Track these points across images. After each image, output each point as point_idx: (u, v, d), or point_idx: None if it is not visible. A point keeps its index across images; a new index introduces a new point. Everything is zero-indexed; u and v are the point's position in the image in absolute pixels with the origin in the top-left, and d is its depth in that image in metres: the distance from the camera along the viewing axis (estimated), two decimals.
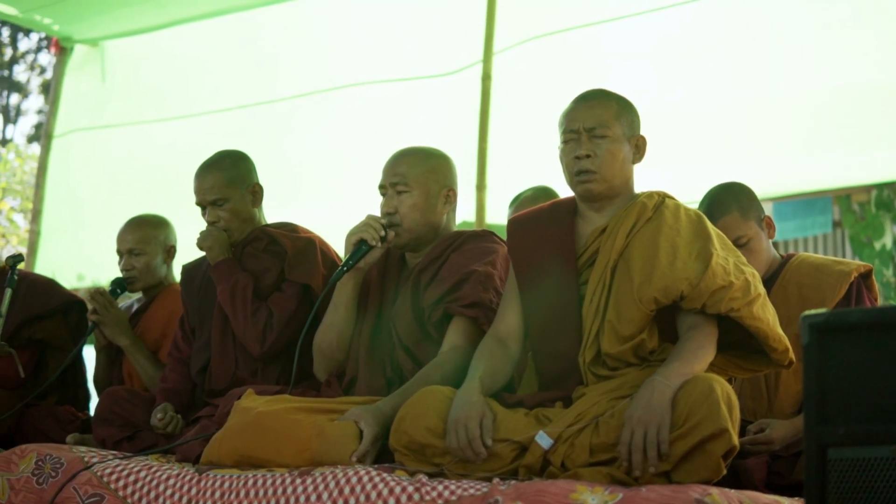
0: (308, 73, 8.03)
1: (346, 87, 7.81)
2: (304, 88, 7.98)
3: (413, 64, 7.57)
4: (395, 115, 7.66)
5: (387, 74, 7.66)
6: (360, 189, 7.18)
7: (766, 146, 6.43)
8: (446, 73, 7.44)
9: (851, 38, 6.21)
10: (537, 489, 3.16)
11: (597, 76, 6.41)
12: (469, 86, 7.28)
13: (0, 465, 4.37)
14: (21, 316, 5.62)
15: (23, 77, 31.40)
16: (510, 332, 3.94)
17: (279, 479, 3.63)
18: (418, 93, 7.54)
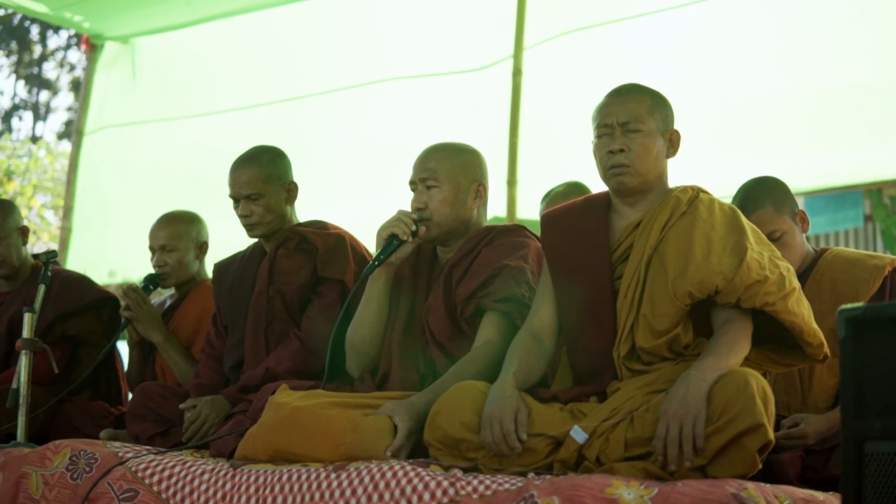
0: (337, 69, 8.03)
1: (376, 82, 7.81)
2: (333, 84, 7.98)
3: (443, 59, 7.56)
4: (424, 110, 7.65)
5: (416, 70, 7.65)
6: (389, 186, 7.20)
7: (797, 140, 6.40)
8: (477, 69, 7.43)
9: (882, 32, 6.17)
10: (572, 484, 3.15)
11: (627, 71, 6.41)
12: (500, 81, 7.26)
13: (34, 460, 4.39)
14: (54, 312, 5.64)
15: (52, 75, 31.55)
16: (544, 327, 3.94)
17: (314, 473, 3.63)
18: (448, 88, 7.53)
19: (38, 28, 30.40)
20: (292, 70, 8.30)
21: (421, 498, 3.37)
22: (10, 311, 5.89)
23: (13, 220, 5.94)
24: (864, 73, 6.20)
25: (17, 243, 5.95)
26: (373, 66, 7.84)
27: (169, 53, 9.01)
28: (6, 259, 5.91)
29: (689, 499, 3.03)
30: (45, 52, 31.39)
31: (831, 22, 6.26)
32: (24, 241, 6.02)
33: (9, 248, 5.89)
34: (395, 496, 3.41)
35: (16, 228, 5.94)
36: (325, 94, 8.01)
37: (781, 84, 6.38)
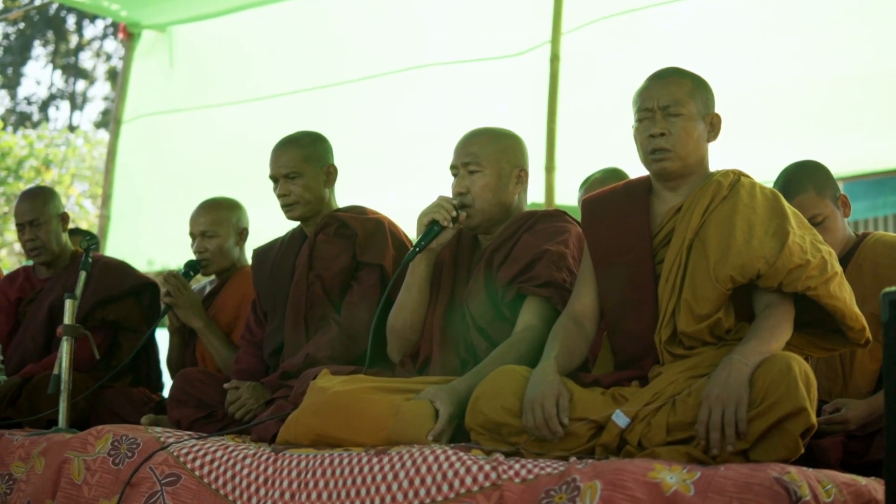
0: (375, 56, 8.04)
1: (413, 69, 7.82)
2: (372, 71, 7.99)
3: (481, 45, 7.56)
4: (463, 96, 7.66)
5: (454, 56, 7.66)
6: (427, 171, 7.21)
7: (838, 125, 6.38)
8: (514, 54, 7.43)
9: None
10: (615, 468, 3.15)
11: (665, 56, 6.35)
12: (537, 67, 7.26)
13: (76, 446, 4.41)
14: (94, 298, 5.68)
15: (89, 64, 31.70)
16: (585, 312, 3.94)
17: (355, 458, 3.64)
18: (486, 74, 7.53)
19: (75, 18, 30.54)
20: (330, 57, 8.31)
21: (463, 482, 3.37)
22: (51, 297, 5.95)
23: (53, 207, 5.99)
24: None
25: (56, 230, 6.00)
26: (410, 53, 7.85)
27: (206, 41, 9.04)
28: (46, 245, 5.96)
29: (731, 483, 3.02)
30: (82, 42, 31.54)
31: (872, 6, 6.23)
32: (65, 228, 6.07)
33: (48, 235, 5.95)
34: (436, 480, 3.42)
35: (56, 215, 5.99)
36: (363, 81, 8.03)
37: (822, 68, 6.35)
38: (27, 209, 5.98)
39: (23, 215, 5.99)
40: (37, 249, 5.99)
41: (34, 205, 5.98)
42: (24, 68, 31.82)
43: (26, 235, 5.99)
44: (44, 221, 5.94)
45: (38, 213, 5.95)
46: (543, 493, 3.24)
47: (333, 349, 4.67)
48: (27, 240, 6.00)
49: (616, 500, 3.08)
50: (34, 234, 5.96)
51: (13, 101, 31.80)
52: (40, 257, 6.03)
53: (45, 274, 6.15)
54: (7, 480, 4.60)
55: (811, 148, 5.71)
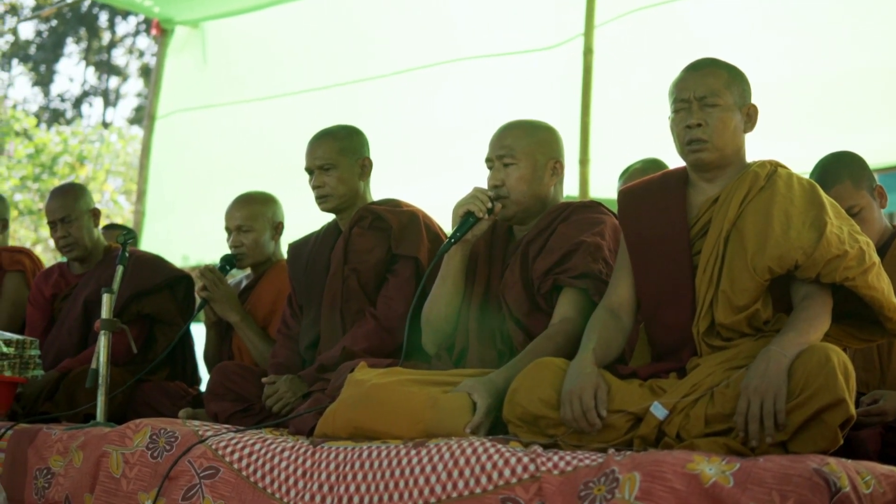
0: (408, 50, 8.03)
1: (447, 62, 7.81)
2: (405, 65, 7.99)
3: (514, 38, 7.55)
4: (495, 90, 7.65)
5: (487, 49, 7.64)
6: (460, 165, 7.21)
7: (872, 117, 6.34)
8: (547, 48, 7.41)
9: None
10: (654, 459, 3.15)
11: (699, 48, 6.30)
12: (571, 60, 7.24)
13: (114, 439, 4.42)
14: (128, 291, 5.70)
15: (121, 61, 31.82)
16: (622, 304, 3.94)
17: (393, 450, 3.64)
18: (519, 67, 7.52)
19: (107, 15, 30.66)
20: (363, 51, 8.32)
21: (501, 474, 3.37)
22: (85, 293, 5.98)
23: (84, 203, 6.02)
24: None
25: (88, 225, 6.03)
26: (442, 47, 7.84)
27: (239, 37, 9.06)
28: (78, 241, 5.99)
29: (770, 474, 3.02)
30: (114, 39, 31.67)
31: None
32: (96, 224, 6.10)
33: (80, 231, 5.98)
34: (475, 472, 3.42)
35: (87, 211, 6.02)
36: (396, 75, 8.03)
37: (857, 60, 6.32)
38: (58, 206, 6.01)
39: (54, 213, 6.03)
40: (69, 246, 6.02)
41: (65, 202, 6.01)
42: (56, 65, 31.99)
43: (58, 233, 6.03)
44: (75, 218, 5.98)
45: (69, 210, 5.98)
46: (582, 484, 3.24)
47: (370, 342, 4.68)
48: (59, 237, 6.03)
49: (655, 491, 3.08)
50: (66, 230, 5.99)
51: (46, 99, 31.96)
52: (73, 253, 6.06)
53: (78, 270, 6.18)
54: (45, 474, 4.61)
55: (847, 139, 5.69)
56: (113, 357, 5.12)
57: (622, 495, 3.12)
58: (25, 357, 5.47)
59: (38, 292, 6.23)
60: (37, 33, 31.69)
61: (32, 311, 6.23)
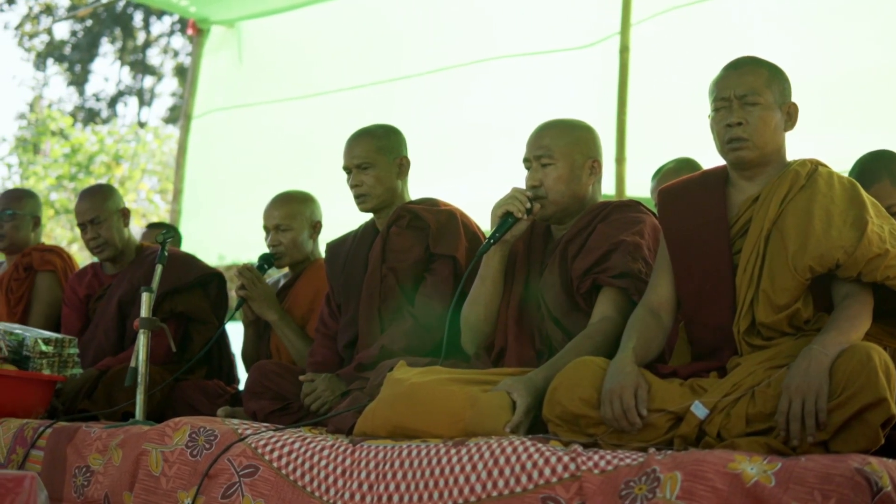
0: (443, 49, 8.04)
1: (483, 61, 7.82)
2: (441, 63, 8.00)
3: (550, 37, 7.55)
4: (531, 89, 7.64)
5: (523, 48, 7.64)
6: (496, 164, 7.21)
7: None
8: (584, 46, 7.41)
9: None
10: (695, 459, 3.14)
11: (736, 46, 6.30)
12: (607, 58, 7.24)
13: (154, 437, 4.44)
14: (161, 289, 5.70)
15: (156, 61, 31.94)
16: (662, 303, 3.93)
17: (433, 449, 3.64)
18: (555, 66, 7.52)
19: (142, 15, 30.78)
20: (398, 50, 8.33)
21: (542, 473, 3.37)
22: (119, 293, 6.01)
23: (113, 203, 6.05)
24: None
25: (118, 226, 6.05)
26: (479, 45, 7.85)
27: (274, 36, 9.09)
28: (108, 241, 6.02)
29: (812, 473, 3.01)
30: (149, 39, 31.78)
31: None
32: (126, 223, 6.12)
33: (110, 231, 6.01)
34: (515, 471, 3.42)
35: (116, 211, 6.05)
36: (431, 74, 8.04)
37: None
38: (87, 208, 6.04)
39: (83, 214, 6.06)
40: (100, 247, 6.06)
41: (93, 203, 6.04)
42: (91, 65, 32.11)
43: (88, 234, 6.06)
44: (104, 219, 6.00)
45: (98, 212, 6.01)
46: (623, 484, 3.23)
47: (408, 341, 4.69)
48: (90, 238, 6.06)
49: (697, 491, 3.07)
50: (96, 232, 6.02)
51: (81, 98, 32.11)
52: (104, 254, 6.09)
53: (111, 270, 6.20)
54: (85, 472, 4.63)
55: (887, 137, 5.66)
56: (153, 356, 5.15)
57: (663, 495, 3.12)
58: (64, 355, 5.51)
59: (72, 293, 6.26)
60: (72, 33, 31.84)
61: (68, 312, 6.26)
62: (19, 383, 5.31)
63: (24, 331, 5.58)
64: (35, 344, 5.43)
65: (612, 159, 7.04)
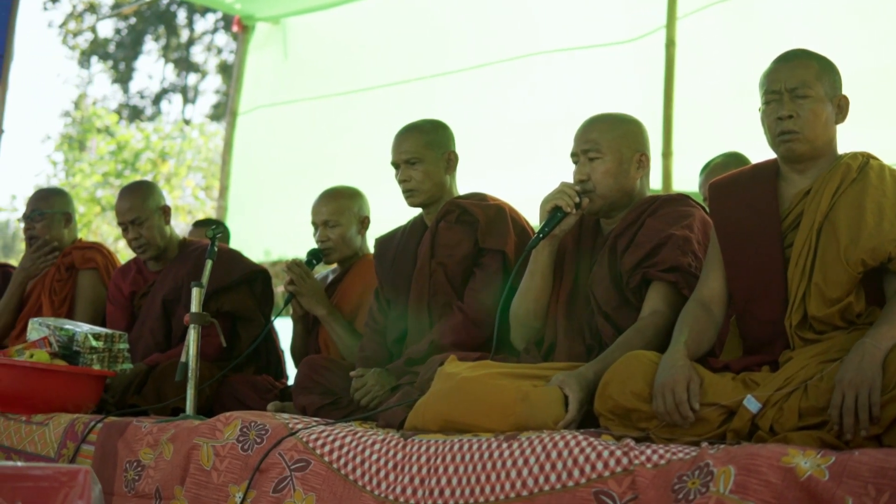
0: (489, 43, 8.05)
1: (528, 56, 7.81)
2: (486, 59, 8.01)
3: (595, 31, 7.54)
4: (577, 83, 7.64)
5: (569, 43, 7.64)
6: (543, 159, 7.21)
7: None
8: (629, 40, 7.40)
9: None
10: (748, 453, 3.13)
11: (781, 39, 6.30)
12: (653, 52, 7.22)
13: (205, 432, 4.47)
14: (207, 288, 5.73)
15: (200, 58, 32.10)
16: (714, 297, 3.92)
17: (485, 443, 3.65)
18: (601, 60, 7.51)
19: (185, 13, 30.94)
20: (443, 45, 8.34)
21: (594, 467, 3.37)
22: (163, 290, 6.02)
23: (153, 202, 6.05)
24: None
25: (159, 224, 6.05)
26: (524, 40, 7.84)
27: (320, 32, 9.11)
28: (150, 241, 6.02)
29: (866, 467, 2.99)
30: (193, 36, 31.94)
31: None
32: (167, 221, 6.12)
33: (151, 230, 6.01)
34: (567, 466, 3.42)
35: (157, 209, 6.05)
36: (477, 69, 8.04)
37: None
38: (127, 208, 6.04)
39: (123, 215, 6.06)
40: (142, 247, 6.06)
41: (133, 203, 6.03)
42: (136, 63, 32.32)
43: (130, 234, 6.06)
44: (145, 218, 6.00)
45: (139, 212, 6.01)
46: (676, 478, 3.23)
47: (457, 336, 4.70)
48: (131, 238, 6.06)
49: (750, 485, 3.06)
50: (137, 232, 6.02)
51: (126, 96, 32.31)
52: (146, 254, 6.10)
53: (155, 267, 6.21)
54: (136, 467, 4.66)
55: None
56: (203, 352, 5.17)
57: (716, 489, 3.11)
58: (115, 351, 5.54)
59: (116, 290, 6.27)
60: (116, 31, 32.05)
61: (113, 310, 6.28)
62: (70, 378, 5.35)
63: (75, 326, 5.61)
64: (85, 339, 5.46)
65: (659, 154, 7.02)
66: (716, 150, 5.79)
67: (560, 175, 4.46)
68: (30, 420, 5.23)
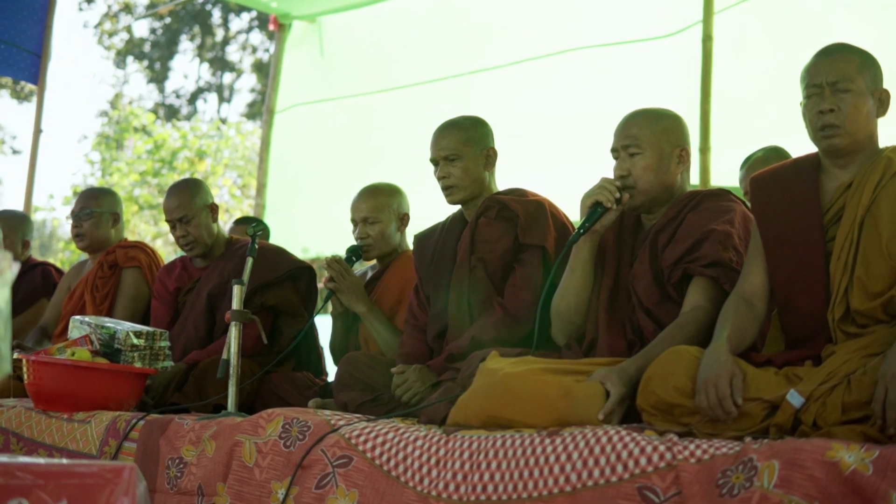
0: (526, 39, 8.04)
1: (565, 52, 7.80)
2: (524, 55, 7.99)
3: (632, 27, 7.52)
4: (614, 79, 7.63)
5: (605, 38, 7.62)
6: (582, 154, 7.20)
7: None
8: (666, 35, 7.38)
9: None
10: (792, 447, 3.13)
11: (818, 33, 6.27)
12: (690, 47, 7.20)
13: (247, 429, 4.48)
14: (252, 283, 5.75)
15: (235, 57, 32.20)
16: (756, 291, 3.91)
17: (528, 439, 3.66)
18: (638, 56, 7.49)
19: (220, 11, 31.04)
20: (481, 41, 8.33)
21: (637, 462, 3.37)
22: (209, 287, 6.05)
23: (201, 199, 6.08)
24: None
25: (206, 222, 6.08)
26: (561, 36, 7.83)
27: (356, 30, 9.12)
28: (198, 239, 6.05)
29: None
30: (228, 36, 32.04)
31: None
32: (215, 219, 6.15)
33: (199, 228, 6.04)
34: (610, 461, 3.42)
35: (204, 207, 6.08)
36: (514, 65, 8.04)
37: None
38: (175, 206, 6.07)
39: (171, 213, 6.09)
40: (189, 245, 6.09)
41: (181, 201, 6.07)
42: (171, 62, 32.46)
43: (178, 232, 6.10)
44: (193, 216, 6.03)
45: (187, 209, 6.05)
46: (720, 472, 3.23)
47: (498, 332, 4.70)
48: (179, 236, 6.10)
49: (794, 479, 3.06)
50: (185, 230, 6.06)
51: (161, 95, 32.45)
52: (194, 251, 6.13)
53: (201, 264, 6.25)
54: (178, 464, 4.68)
55: None
56: (244, 347, 5.19)
57: (760, 483, 3.11)
58: (156, 348, 5.57)
59: (161, 286, 6.32)
60: (151, 31, 32.20)
61: (157, 305, 6.32)
62: (111, 376, 5.38)
63: (116, 324, 5.64)
64: (126, 337, 5.48)
65: (697, 149, 7.00)
66: (753, 145, 5.77)
67: (599, 171, 4.46)
68: (71, 418, 5.25)
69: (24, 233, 7.35)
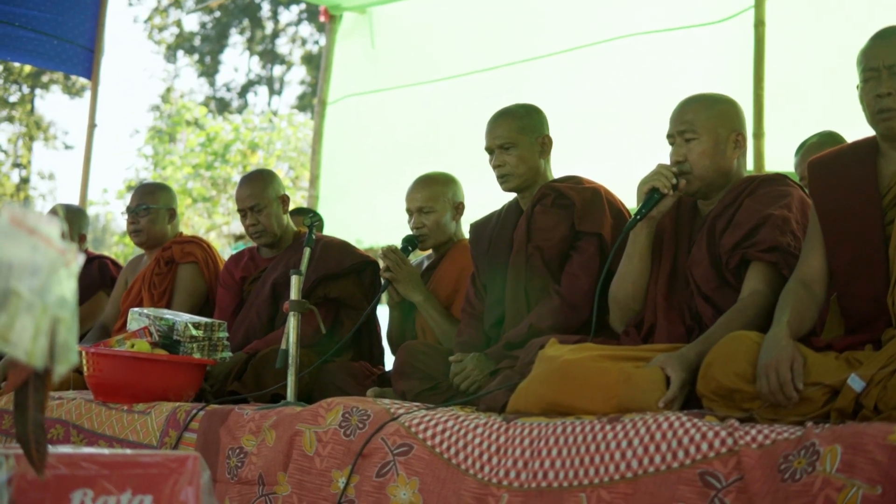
0: (577, 27, 8.01)
1: (618, 38, 7.77)
2: (574, 43, 7.97)
3: (684, 12, 7.49)
4: (666, 65, 7.59)
5: (658, 25, 7.59)
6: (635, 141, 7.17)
7: None
8: (718, 21, 7.34)
9: None
10: (854, 431, 3.12)
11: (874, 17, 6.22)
12: (742, 33, 7.17)
13: (307, 418, 4.51)
14: (315, 275, 5.80)
15: (285, 49, 32.29)
16: (815, 275, 3.89)
17: (588, 425, 3.66)
18: (690, 42, 7.46)
19: (270, 5, 31.14)
20: (532, 30, 8.31)
21: (699, 448, 3.38)
22: (274, 276, 6.09)
23: (273, 190, 6.13)
24: None
25: (277, 212, 6.13)
26: (614, 23, 7.80)
27: (406, 20, 9.11)
28: (267, 228, 6.10)
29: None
30: (277, 28, 32.13)
31: None
32: (285, 210, 6.20)
33: (269, 218, 6.08)
34: (671, 447, 3.42)
35: (276, 198, 6.12)
36: (567, 52, 8.01)
37: None
38: (247, 195, 6.12)
39: (243, 201, 6.13)
40: (258, 234, 6.13)
41: (254, 190, 6.12)
42: (221, 56, 32.59)
43: (248, 220, 6.14)
44: (264, 206, 6.08)
45: (259, 199, 6.09)
46: (782, 457, 3.22)
47: (556, 319, 4.71)
48: (249, 225, 6.14)
49: (857, 463, 3.04)
50: (255, 219, 6.10)
51: (212, 89, 32.59)
52: (262, 240, 6.18)
53: (268, 254, 6.30)
54: (238, 454, 4.71)
55: None
56: (303, 337, 5.21)
57: (823, 468, 3.10)
58: (214, 339, 5.60)
59: (227, 275, 6.37)
60: (201, 25, 32.32)
61: (223, 293, 6.37)
62: (170, 367, 5.42)
63: (174, 316, 5.68)
64: (185, 328, 5.52)
65: (751, 134, 6.95)
66: (807, 130, 5.74)
67: (655, 157, 4.45)
68: (131, 409, 5.29)
69: (80, 226, 7.40)
